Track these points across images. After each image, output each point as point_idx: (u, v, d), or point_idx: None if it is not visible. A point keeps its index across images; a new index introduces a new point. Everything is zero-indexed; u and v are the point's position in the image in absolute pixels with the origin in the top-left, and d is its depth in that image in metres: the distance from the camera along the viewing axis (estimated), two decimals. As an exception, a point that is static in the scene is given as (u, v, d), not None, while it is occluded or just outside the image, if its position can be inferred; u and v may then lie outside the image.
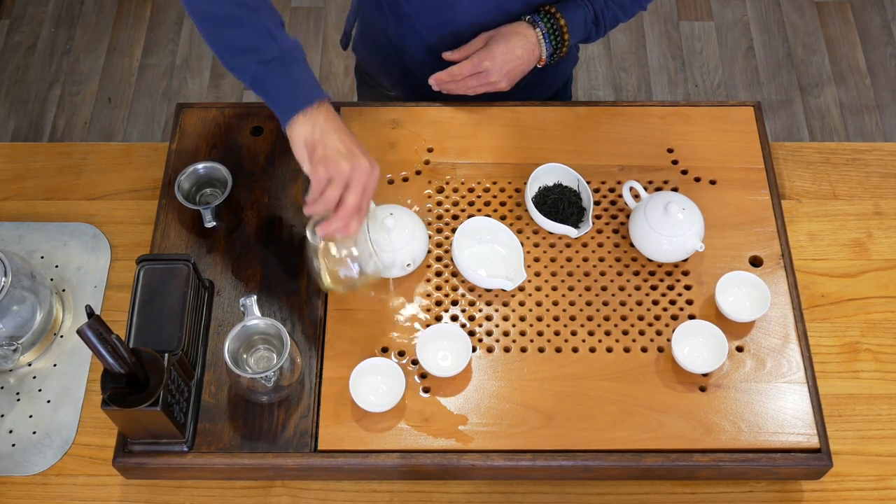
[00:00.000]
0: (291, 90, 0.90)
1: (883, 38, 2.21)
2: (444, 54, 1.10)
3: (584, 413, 0.95)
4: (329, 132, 0.89)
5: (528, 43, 1.07)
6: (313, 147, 0.89)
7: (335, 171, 0.87)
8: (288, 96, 0.90)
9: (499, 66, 1.06)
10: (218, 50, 0.93)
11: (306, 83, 0.91)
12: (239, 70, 0.92)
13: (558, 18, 1.08)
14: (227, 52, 0.92)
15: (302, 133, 0.89)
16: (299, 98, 0.90)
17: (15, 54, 2.18)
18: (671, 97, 2.12)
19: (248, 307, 0.93)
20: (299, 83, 0.90)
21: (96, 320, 0.80)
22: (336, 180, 0.87)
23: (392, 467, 0.93)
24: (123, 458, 0.93)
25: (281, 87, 0.90)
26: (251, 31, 0.90)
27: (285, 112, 0.90)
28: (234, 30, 0.91)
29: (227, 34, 0.91)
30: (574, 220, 1.06)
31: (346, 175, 0.87)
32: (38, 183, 1.17)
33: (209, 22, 0.92)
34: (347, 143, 0.89)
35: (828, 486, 0.97)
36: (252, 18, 0.90)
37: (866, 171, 1.18)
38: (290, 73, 0.90)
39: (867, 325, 1.06)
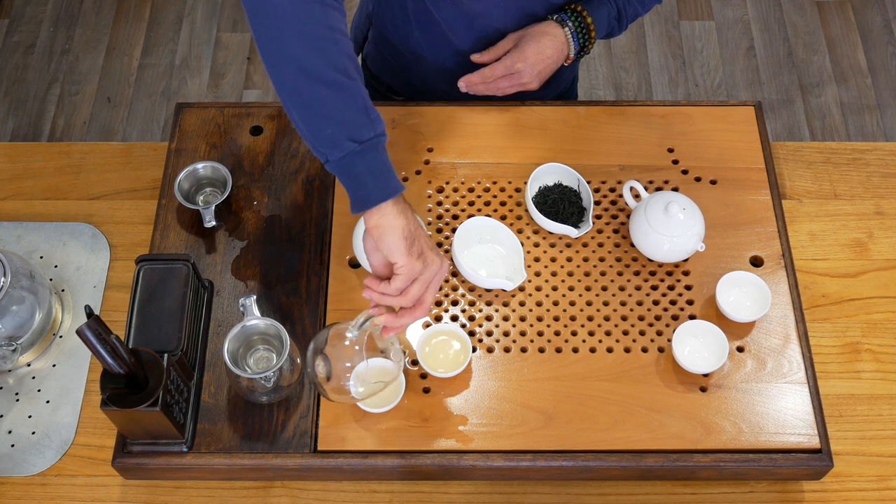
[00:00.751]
0: (384, 175, 0.82)
1: (884, 37, 2.21)
2: (473, 56, 1.09)
3: (584, 413, 0.94)
4: (419, 227, 0.84)
5: (557, 42, 1.08)
6: (412, 240, 0.83)
7: (429, 270, 0.83)
8: (379, 181, 0.81)
9: (531, 67, 1.06)
10: (302, 115, 0.81)
11: (392, 169, 0.83)
12: (325, 142, 0.81)
13: (585, 16, 1.08)
14: (316, 119, 0.80)
15: (399, 225, 0.82)
16: (391, 185, 0.82)
17: (14, 54, 2.18)
18: (672, 97, 2.12)
19: (248, 307, 0.93)
20: (390, 168, 0.83)
21: (95, 320, 0.80)
22: (423, 279, 0.83)
23: (392, 468, 0.92)
24: (123, 458, 0.92)
25: (374, 171, 0.81)
26: (350, 102, 0.80)
27: (372, 197, 0.81)
28: (332, 96, 0.79)
29: (323, 99, 0.79)
30: (574, 219, 1.06)
31: (434, 273, 0.84)
32: (37, 183, 1.16)
33: (302, 77, 0.79)
34: (432, 242, 0.86)
35: (829, 487, 0.97)
36: (353, 87, 0.80)
37: (867, 170, 1.18)
38: (381, 157, 0.82)
39: (868, 325, 1.06)
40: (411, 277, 0.83)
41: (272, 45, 0.79)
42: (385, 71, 1.26)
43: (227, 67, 2.17)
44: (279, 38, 0.79)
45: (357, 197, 0.82)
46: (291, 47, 0.79)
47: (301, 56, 0.79)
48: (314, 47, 0.79)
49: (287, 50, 0.79)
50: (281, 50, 0.79)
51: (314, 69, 0.79)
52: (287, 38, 0.78)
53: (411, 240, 0.83)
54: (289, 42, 0.79)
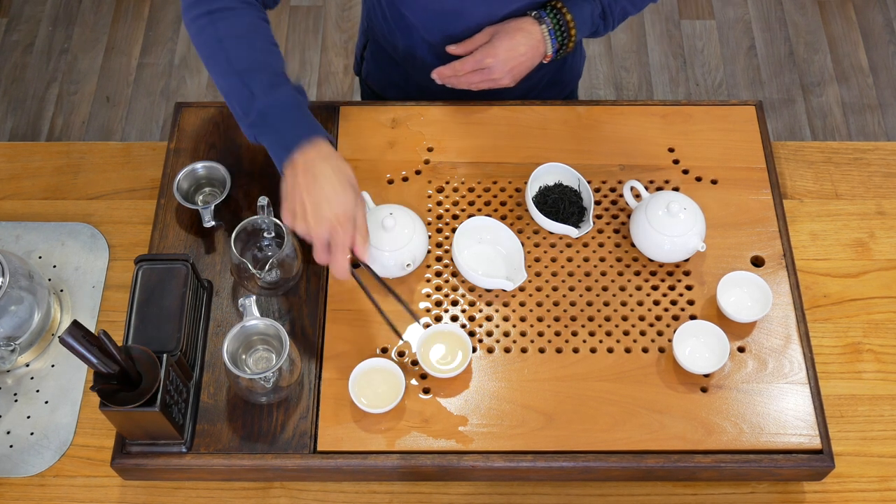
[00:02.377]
0: (277, 144, 0.92)
1: (885, 36, 2.20)
2: (447, 47, 1.09)
3: (584, 414, 0.94)
4: (300, 186, 0.89)
5: (532, 40, 1.07)
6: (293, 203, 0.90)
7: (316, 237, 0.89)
8: (276, 150, 0.92)
9: (501, 64, 1.06)
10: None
11: (287, 131, 0.92)
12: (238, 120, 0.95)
13: (564, 14, 1.07)
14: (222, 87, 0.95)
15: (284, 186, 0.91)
16: (281, 153, 0.91)
17: (13, 53, 2.17)
18: (672, 96, 2.11)
19: (247, 307, 0.93)
20: (281, 133, 0.92)
21: (75, 325, 0.80)
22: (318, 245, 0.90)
23: (391, 468, 0.92)
24: (121, 459, 0.92)
25: (270, 144, 0.92)
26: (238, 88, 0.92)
27: (279, 166, 0.92)
28: (229, 99, 0.94)
29: (231, 106, 0.94)
30: (575, 219, 1.06)
31: (325, 240, 0.89)
32: (35, 182, 1.16)
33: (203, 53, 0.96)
34: (318, 198, 0.89)
35: (830, 488, 0.97)
36: (238, 84, 0.92)
37: (868, 170, 1.18)
38: (273, 127, 0.92)
39: (869, 325, 1.06)
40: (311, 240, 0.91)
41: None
42: (385, 84, 1.26)
43: (226, 67, 2.16)
44: (205, 66, 0.97)
45: (276, 157, 0.92)
46: (208, 71, 0.96)
47: (212, 74, 0.95)
48: (209, 63, 0.94)
49: (209, 73, 0.96)
50: (209, 74, 0.99)
51: (217, 83, 0.94)
52: (205, 65, 0.96)
53: (292, 203, 0.90)
54: (207, 68, 0.96)
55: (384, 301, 0.96)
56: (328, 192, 0.88)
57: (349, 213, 0.89)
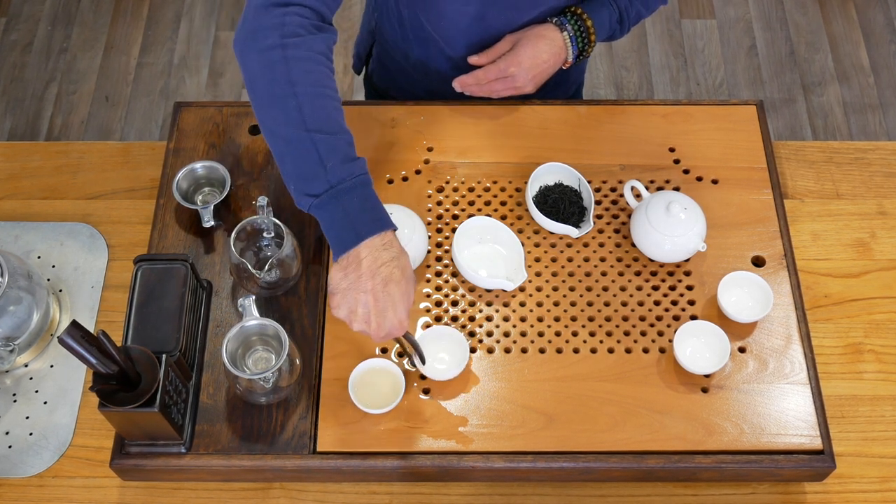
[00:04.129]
0: (351, 217, 0.83)
1: (886, 36, 2.20)
2: (469, 58, 1.09)
3: (585, 414, 0.94)
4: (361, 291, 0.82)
5: (554, 46, 1.06)
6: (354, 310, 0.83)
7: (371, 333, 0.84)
8: (347, 225, 0.83)
9: (525, 72, 1.06)
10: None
11: (357, 216, 0.82)
12: (294, 197, 0.85)
13: (585, 20, 1.07)
14: (284, 176, 0.86)
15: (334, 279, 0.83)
16: (362, 226, 0.83)
17: (12, 53, 2.17)
18: (673, 96, 2.11)
19: (247, 308, 0.93)
20: (360, 210, 0.83)
21: (74, 325, 0.80)
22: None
23: (391, 469, 0.92)
24: (121, 459, 0.92)
25: (334, 220, 0.83)
26: (303, 156, 0.83)
27: (336, 250, 0.84)
28: (287, 153, 0.84)
29: (282, 156, 0.84)
30: (575, 219, 1.05)
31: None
32: (34, 182, 1.16)
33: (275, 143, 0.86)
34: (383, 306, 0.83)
35: (831, 488, 0.97)
36: (306, 141, 0.82)
37: (870, 170, 1.17)
38: (343, 206, 0.83)
39: (870, 325, 1.05)
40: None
41: (254, 109, 0.87)
42: (391, 87, 1.26)
43: (225, 66, 2.16)
44: (253, 101, 0.86)
45: (337, 239, 0.84)
46: (260, 111, 0.86)
47: (264, 118, 0.85)
48: (273, 107, 0.84)
49: (258, 112, 0.86)
50: (257, 112, 0.86)
51: (272, 130, 0.85)
52: (258, 103, 0.85)
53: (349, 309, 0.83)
54: (258, 107, 0.86)
55: None
56: (396, 298, 0.83)
57: (409, 310, 0.85)
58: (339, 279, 0.84)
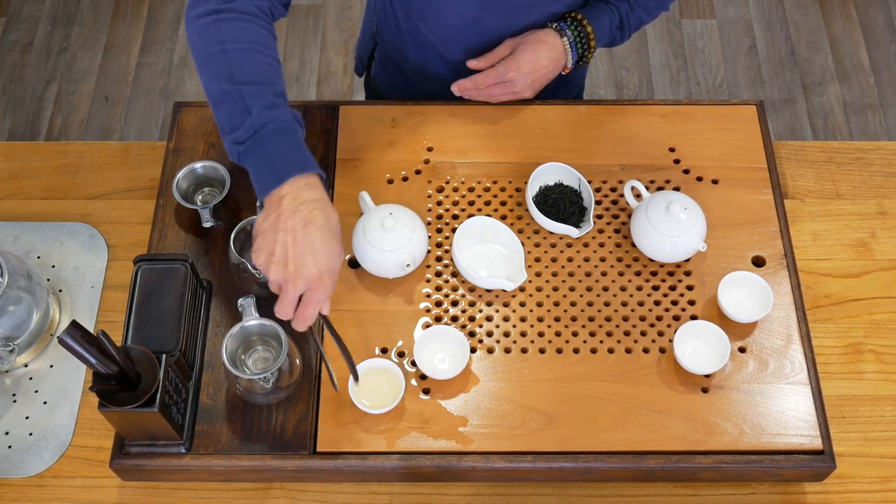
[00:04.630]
0: (276, 160, 0.83)
1: (887, 35, 2.20)
2: (468, 62, 1.09)
3: (585, 414, 0.94)
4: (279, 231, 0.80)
5: (554, 52, 1.06)
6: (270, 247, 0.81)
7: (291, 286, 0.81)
8: (271, 167, 0.83)
9: (524, 77, 1.05)
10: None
11: (279, 157, 0.83)
12: (227, 150, 0.87)
13: (585, 25, 1.06)
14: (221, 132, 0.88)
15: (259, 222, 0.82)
16: (269, 178, 0.83)
17: (11, 52, 2.17)
18: (673, 96, 2.11)
19: (247, 308, 0.93)
20: (286, 152, 0.83)
21: (74, 325, 0.79)
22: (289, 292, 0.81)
23: (391, 469, 0.92)
24: (120, 459, 0.92)
25: (260, 163, 0.83)
26: (232, 108, 0.85)
27: (259, 193, 0.84)
28: (217, 107, 0.87)
29: (217, 115, 0.87)
30: (575, 219, 1.05)
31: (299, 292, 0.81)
32: (34, 182, 1.16)
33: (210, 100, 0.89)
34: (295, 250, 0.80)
35: (831, 489, 0.97)
36: (234, 93, 0.85)
37: (870, 170, 1.17)
38: (268, 148, 0.83)
39: (871, 325, 1.05)
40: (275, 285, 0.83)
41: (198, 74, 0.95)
42: (393, 90, 1.26)
43: (226, 66, 2.16)
44: (196, 66, 0.90)
45: (260, 182, 0.84)
46: (199, 74, 0.89)
47: (203, 79, 0.89)
48: (205, 66, 0.88)
49: (200, 76, 0.90)
50: (199, 77, 0.90)
51: (207, 87, 0.88)
52: (197, 66, 0.90)
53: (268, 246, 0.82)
54: (198, 70, 0.90)
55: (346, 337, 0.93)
56: (317, 243, 0.80)
57: (333, 269, 0.81)
58: (261, 221, 0.83)
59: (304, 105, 1.14)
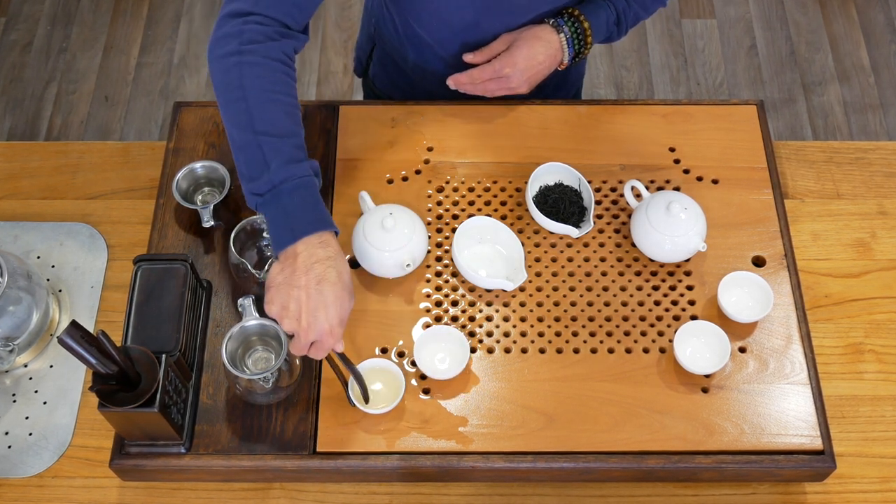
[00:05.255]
0: (292, 216, 0.84)
1: (887, 35, 2.20)
2: (465, 56, 1.09)
3: (585, 414, 0.94)
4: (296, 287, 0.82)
5: (550, 48, 1.06)
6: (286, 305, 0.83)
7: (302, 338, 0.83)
8: (287, 224, 0.84)
9: (520, 73, 1.05)
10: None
11: (296, 215, 0.84)
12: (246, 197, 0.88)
13: (582, 21, 1.06)
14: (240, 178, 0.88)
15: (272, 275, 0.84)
16: (285, 235, 0.84)
17: (11, 52, 2.17)
18: (673, 96, 2.11)
19: (246, 308, 0.92)
20: (301, 209, 0.84)
21: (74, 325, 0.79)
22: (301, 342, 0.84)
23: (391, 469, 0.92)
24: (120, 459, 0.92)
25: (276, 219, 0.85)
26: (250, 157, 0.86)
27: (275, 248, 0.85)
28: (237, 154, 0.87)
29: (237, 161, 0.87)
30: (575, 219, 1.05)
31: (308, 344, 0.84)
32: (34, 182, 1.16)
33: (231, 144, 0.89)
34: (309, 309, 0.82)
35: (831, 489, 0.97)
36: (253, 142, 0.85)
37: (870, 170, 1.17)
38: (284, 204, 0.84)
39: (871, 325, 1.05)
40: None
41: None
42: (392, 90, 1.26)
43: (225, 66, 2.16)
44: (219, 105, 0.90)
45: (276, 237, 0.85)
46: (222, 114, 0.89)
47: (224, 121, 0.89)
48: (226, 110, 0.88)
49: (221, 115, 0.89)
50: (221, 115, 0.89)
51: (228, 131, 0.88)
52: (220, 106, 0.89)
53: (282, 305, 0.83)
54: (221, 110, 0.89)
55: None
56: (329, 299, 0.83)
57: (343, 320, 0.84)
58: (276, 274, 0.85)
59: (304, 105, 1.14)
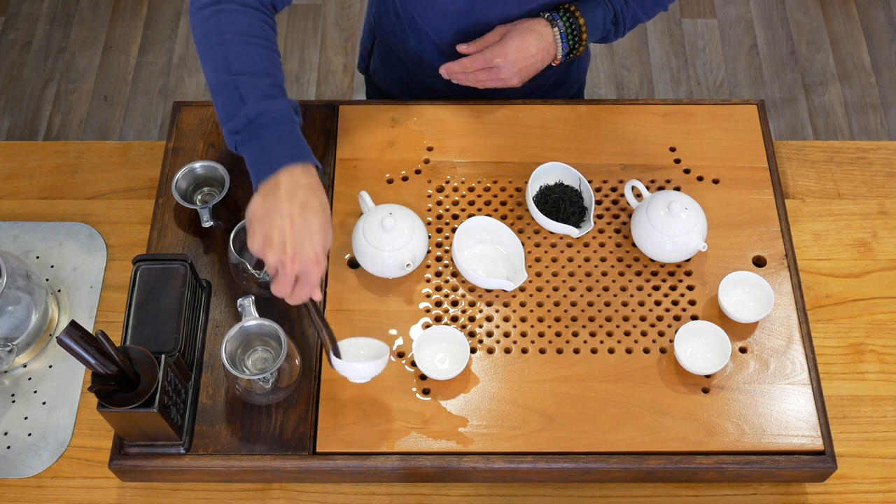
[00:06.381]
0: (271, 148, 0.84)
1: (888, 35, 2.20)
2: (458, 46, 1.08)
3: (585, 415, 0.94)
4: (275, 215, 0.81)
5: (543, 42, 1.06)
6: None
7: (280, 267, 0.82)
8: (256, 165, 0.84)
9: (511, 64, 1.05)
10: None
11: (274, 146, 0.84)
12: (226, 138, 0.88)
13: (577, 17, 1.06)
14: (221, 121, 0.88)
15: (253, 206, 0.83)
16: (263, 167, 0.83)
17: (10, 52, 2.17)
18: (674, 95, 2.11)
19: (246, 308, 0.92)
20: (279, 142, 0.84)
21: (73, 325, 0.79)
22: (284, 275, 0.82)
23: (391, 470, 0.92)
24: (120, 460, 0.92)
25: (255, 152, 0.85)
26: (228, 98, 0.86)
27: (254, 180, 0.85)
28: (217, 97, 0.87)
29: (216, 105, 0.88)
30: (575, 219, 1.05)
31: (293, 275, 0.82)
32: (33, 182, 1.16)
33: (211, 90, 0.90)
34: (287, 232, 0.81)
35: (832, 489, 0.96)
36: (230, 83, 0.86)
37: (871, 170, 1.17)
38: (260, 139, 0.84)
39: (872, 325, 1.05)
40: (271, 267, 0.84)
41: None
42: (391, 83, 1.25)
43: (225, 65, 2.16)
44: (199, 57, 0.91)
45: (255, 171, 0.85)
46: (201, 65, 0.90)
47: (204, 70, 0.89)
48: (205, 58, 0.89)
49: (202, 67, 0.90)
50: (202, 67, 0.91)
51: (207, 78, 0.89)
52: (200, 57, 0.90)
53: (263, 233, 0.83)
54: (201, 61, 0.90)
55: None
56: (314, 226, 0.82)
57: (327, 251, 0.83)
58: (257, 205, 0.83)
59: (304, 105, 1.13)
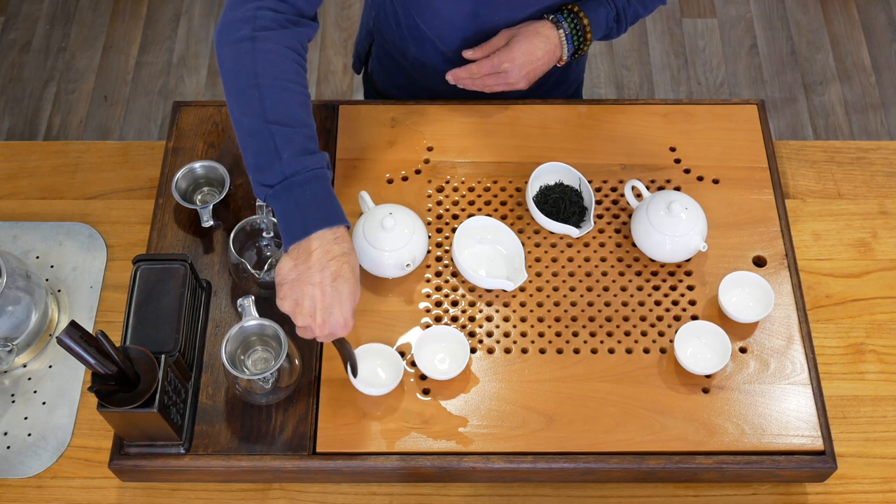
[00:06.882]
0: (302, 209, 0.82)
1: (888, 35, 2.20)
2: (464, 52, 1.09)
3: (585, 415, 0.94)
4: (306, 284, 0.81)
5: (549, 44, 1.06)
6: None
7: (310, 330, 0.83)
8: (298, 216, 0.82)
9: (518, 68, 1.05)
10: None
11: (309, 208, 0.82)
12: (253, 187, 0.86)
13: (581, 17, 1.07)
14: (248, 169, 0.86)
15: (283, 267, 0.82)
16: (297, 228, 0.82)
17: (10, 52, 2.16)
18: (674, 95, 2.11)
19: (246, 308, 0.92)
20: (313, 202, 0.82)
21: (73, 325, 0.79)
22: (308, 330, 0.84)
23: (391, 470, 0.92)
24: (119, 460, 0.92)
25: (285, 211, 0.83)
26: (261, 147, 0.83)
27: (286, 241, 0.83)
28: (247, 143, 0.85)
29: (245, 150, 0.85)
30: (575, 219, 1.05)
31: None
32: (33, 182, 1.16)
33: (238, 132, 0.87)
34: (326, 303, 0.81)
35: (832, 489, 0.96)
36: (265, 132, 0.83)
37: (871, 169, 1.17)
38: (295, 197, 0.82)
39: (872, 325, 1.05)
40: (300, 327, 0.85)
41: (225, 99, 0.88)
42: (390, 85, 1.25)
43: (225, 65, 2.16)
44: (224, 91, 0.87)
45: (287, 230, 0.83)
46: (228, 101, 0.87)
47: (231, 108, 0.86)
48: (237, 97, 0.85)
49: (227, 102, 0.87)
50: (227, 102, 0.87)
51: (236, 119, 0.86)
52: (227, 93, 0.87)
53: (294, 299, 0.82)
54: (227, 96, 0.87)
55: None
56: (344, 294, 0.82)
57: (353, 312, 0.85)
58: (288, 270, 0.83)
59: (303, 104, 1.13)
